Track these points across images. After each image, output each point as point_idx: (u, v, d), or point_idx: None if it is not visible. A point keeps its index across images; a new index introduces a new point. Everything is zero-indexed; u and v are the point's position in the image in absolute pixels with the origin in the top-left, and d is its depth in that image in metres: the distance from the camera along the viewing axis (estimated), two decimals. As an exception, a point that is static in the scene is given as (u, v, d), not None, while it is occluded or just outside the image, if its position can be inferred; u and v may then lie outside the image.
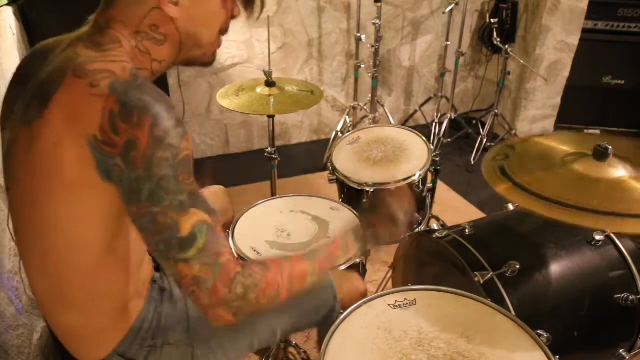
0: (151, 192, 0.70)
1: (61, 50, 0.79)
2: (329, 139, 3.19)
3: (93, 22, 0.80)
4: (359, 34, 2.86)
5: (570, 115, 3.24)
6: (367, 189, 1.64)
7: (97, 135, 0.69)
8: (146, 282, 0.98)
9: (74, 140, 0.71)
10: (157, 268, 1.05)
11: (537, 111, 3.26)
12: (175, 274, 0.74)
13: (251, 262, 0.80)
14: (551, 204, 1.01)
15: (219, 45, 0.90)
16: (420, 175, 1.64)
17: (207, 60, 0.91)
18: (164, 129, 0.69)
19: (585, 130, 1.25)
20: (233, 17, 0.89)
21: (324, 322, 1.12)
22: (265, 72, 1.70)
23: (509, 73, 3.10)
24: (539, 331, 1.06)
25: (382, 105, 3.19)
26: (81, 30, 0.82)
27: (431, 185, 1.78)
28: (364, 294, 1.19)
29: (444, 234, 1.34)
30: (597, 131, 1.24)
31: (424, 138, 1.81)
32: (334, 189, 1.82)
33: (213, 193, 1.44)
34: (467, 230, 1.33)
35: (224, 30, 0.89)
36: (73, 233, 0.78)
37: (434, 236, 1.35)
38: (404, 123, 3.57)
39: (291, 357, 1.64)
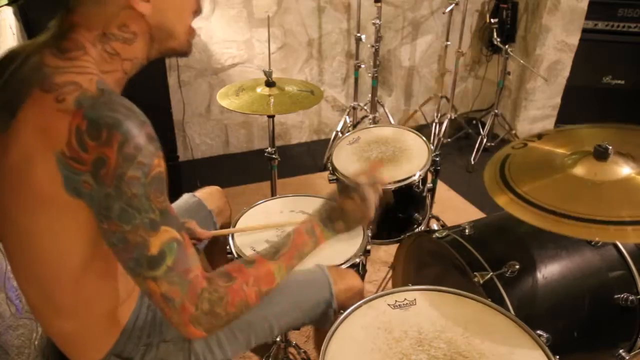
0: (121, 210, 0.69)
1: (28, 57, 0.77)
2: (329, 139, 3.19)
3: (56, 27, 0.78)
4: (359, 34, 2.86)
5: (570, 115, 3.24)
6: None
7: (65, 151, 0.68)
8: None
9: (42, 155, 0.69)
10: None
11: (537, 111, 3.26)
12: (145, 290, 0.74)
13: (215, 274, 0.79)
14: (553, 216, 1.00)
15: (193, 34, 0.88)
16: (420, 175, 1.64)
17: (183, 50, 0.88)
18: (135, 146, 0.68)
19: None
20: None
21: (321, 318, 1.13)
22: (265, 72, 1.70)
23: (509, 73, 3.10)
24: (539, 331, 1.06)
25: (382, 105, 3.19)
26: (46, 35, 0.80)
27: (431, 185, 1.78)
28: (360, 291, 1.18)
29: (444, 234, 1.34)
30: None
31: (424, 138, 1.81)
32: (334, 189, 1.82)
33: (210, 194, 1.44)
34: (467, 230, 1.33)
35: (197, 12, 0.87)
36: (52, 246, 0.77)
37: (434, 236, 1.35)
38: (404, 123, 3.57)
39: (291, 357, 1.64)
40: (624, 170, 1.06)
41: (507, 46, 2.86)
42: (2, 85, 0.77)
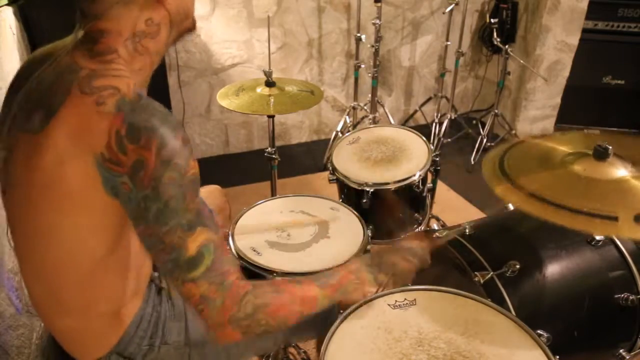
0: (159, 212, 0.70)
1: (60, 58, 0.78)
2: (329, 139, 3.20)
3: (84, 34, 0.78)
4: (359, 34, 2.86)
5: (570, 115, 3.25)
6: (367, 189, 1.64)
7: (105, 153, 0.70)
8: (145, 282, 0.98)
9: (79, 156, 0.71)
10: (155, 267, 1.05)
11: (537, 111, 3.26)
12: (183, 293, 0.74)
13: (263, 283, 0.80)
14: (551, 206, 1.00)
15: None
16: (420, 175, 1.64)
17: (194, 26, 0.91)
18: (172, 149, 0.70)
19: (585, 131, 1.24)
20: None
21: (322, 328, 1.12)
22: (265, 72, 1.70)
23: (509, 73, 3.10)
24: (539, 331, 1.06)
25: (382, 105, 3.19)
26: (72, 38, 0.81)
27: (431, 185, 1.78)
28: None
29: (444, 234, 1.34)
30: (597, 131, 1.24)
31: (424, 138, 1.81)
32: (334, 189, 1.82)
33: (210, 192, 1.44)
34: (467, 230, 1.32)
35: None
36: (72, 242, 0.78)
37: (434, 236, 1.35)
38: (404, 123, 3.57)
39: (291, 357, 1.63)
40: (620, 171, 1.06)
41: (507, 46, 2.86)
42: (36, 84, 0.78)
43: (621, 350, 1.26)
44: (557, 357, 0.97)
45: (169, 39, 0.85)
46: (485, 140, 3.08)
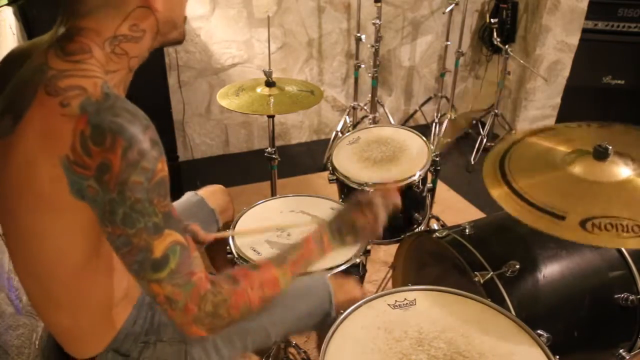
0: (125, 215, 0.69)
1: (33, 58, 0.77)
2: (329, 139, 3.19)
3: (62, 30, 0.77)
4: (359, 34, 2.86)
5: (570, 115, 3.23)
6: (367, 189, 1.64)
7: (70, 155, 0.69)
8: None
9: (46, 158, 0.70)
10: None
11: (537, 111, 3.26)
12: (149, 293, 0.75)
13: (220, 277, 0.80)
14: (546, 215, 1.00)
15: (185, 20, 0.89)
16: (420, 175, 1.64)
17: (182, 39, 0.89)
18: (138, 151, 0.68)
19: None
20: None
21: (320, 326, 1.12)
22: (265, 72, 1.70)
23: (509, 73, 3.10)
24: (539, 331, 1.06)
25: (382, 105, 3.19)
26: (49, 36, 0.80)
27: (431, 185, 1.78)
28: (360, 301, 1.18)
29: (444, 234, 1.34)
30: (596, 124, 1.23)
31: (424, 138, 1.81)
32: (334, 189, 1.82)
33: (213, 192, 1.44)
34: (467, 230, 1.33)
35: None
36: (53, 242, 0.78)
37: (434, 236, 1.35)
38: (404, 123, 3.57)
39: (291, 357, 1.63)
40: (623, 171, 1.06)
41: (507, 46, 2.86)
42: (6, 87, 0.78)
43: (621, 350, 1.26)
44: (557, 357, 0.97)
45: (152, 45, 0.84)
46: (485, 140, 3.08)
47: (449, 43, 3.01)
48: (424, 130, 3.30)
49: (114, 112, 0.69)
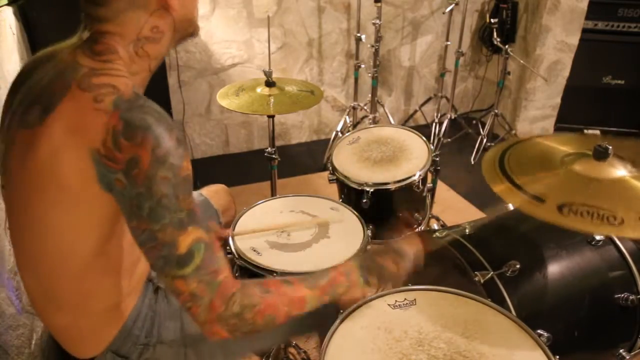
0: (151, 209, 0.71)
1: (61, 57, 0.80)
2: (329, 139, 3.20)
3: (89, 35, 0.80)
4: (359, 34, 2.86)
5: (570, 115, 3.24)
6: (367, 189, 1.64)
7: (100, 149, 0.71)
8: (141, 280, 0.98)
9: (74, 151, 0.72)
10: None
11: (537, 111, 3.26)
12: (173, 290, 0.75)
13: (251, 282, 0.81)
14: (529, 198, 1.02)
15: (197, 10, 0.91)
16: (420, 175, 1.64)
17: (197, 32, 0.92)
18: (166, 149, 0.71)
19: (585, 131, 1.24)
20: None
21: (322, 330, 1.12)
22: (265, 72, 1.70)
23: (509, 73, 3.10)
24: (539, 331, 1.06)
25: (382, 105, 3.19)
26: (75, 39, 0.82)
27: (431, 185, 1.78)
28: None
29: (444, 234, 1.34)
30: (597, 131, 1.24)
31: (424, 138, 1.81)
32: (334, 189, 1.82)
33: (216, 192, 1.44)
34: (467, 230, 1.32)
35: None
36: (65, 237, 0.79)
37: (434, 236, 1.35)
38: (404, 123, 3.57)
39: (291, 357, 1.64)
40: (620, 171, 1.07)
41: (507, 46, 2.86)
42: (36, 81, 0.79)
43: (621, 350, 1.26)
44: (557, 357, 0.97)
45: (171, 44, 0.87)
46: (485, 140, 3.08)
47: (449, 43, 3.01)
48: (424, 130, 3.31)
49: (144, 111, 0.72)
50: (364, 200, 1.63)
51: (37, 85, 0.79)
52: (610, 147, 1.07)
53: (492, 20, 2.91)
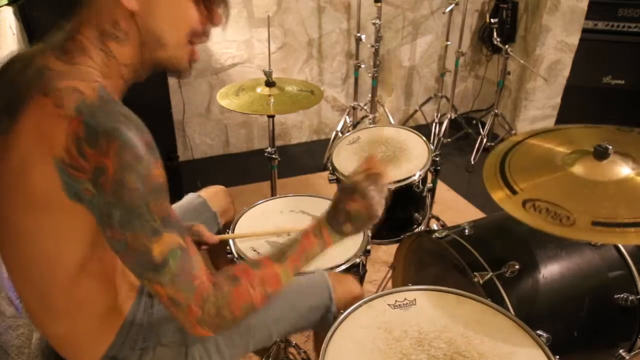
0: (122, 218, 0.69)
1: (32, 60, 0.77)
2: (329, 139, 3.20)
3: (63, 30, 0.78)
4: (359, 34, 2.86)
5: (571, 115, 3.24)
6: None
7: (65, 158, 0.68)
8: (135, 284, 0.98)
9: (40, 159, 0.69)
10: None
11: (537, 111, 3.26)
12: (154, 293, 0.75)
13: (221, 277, 0.79)
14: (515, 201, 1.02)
15: (193, 54, 0.86)
16: (420, 175, 1.64)
17: (178, 67, 0.86)
18: (133, 155, 0.68)
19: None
20: (214, 24, 0.85)
21: (321, 323, 1.12)
22: (265, 72, 1.70)
23: (509, 73, 3.10)
24: (538, 331, 1.06)
25: (382, 105, 3.19)
26: (51, 38, 0.80)
27: (431, 185, 1.78)
28: (359, 296, 1.16)
29: (444, 234, 1.34)
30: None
31: (424, 138, 1.81)
32: (334, 189, 1.81)
33: (215, 193, 1.44)
34: (466, 230, 1.33)
35: (198, 35, 0.84)
36: (47, 245, 0.77)
37: (434, 236, 1.35)
38: (404, 123, 3.57)
39: (291, 357, 1.64)
40: (624, 170, 1.06)
41: (507, 46, 2.86)
42: (5, 88, 0.77)
43: (621, 351, 1.26)
44: (557, 357, 0.97)
45: (141, 59, 0.82)
46: (485, 140, 3.08)
47: (449, 43, 3.01)
48: (424, 130, 3.31)
49: (109, 115, 0.69)
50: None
51: (8, 91, 0.76)
52: (610, 147, 1.07)
53: (492, 20, 2.91)
